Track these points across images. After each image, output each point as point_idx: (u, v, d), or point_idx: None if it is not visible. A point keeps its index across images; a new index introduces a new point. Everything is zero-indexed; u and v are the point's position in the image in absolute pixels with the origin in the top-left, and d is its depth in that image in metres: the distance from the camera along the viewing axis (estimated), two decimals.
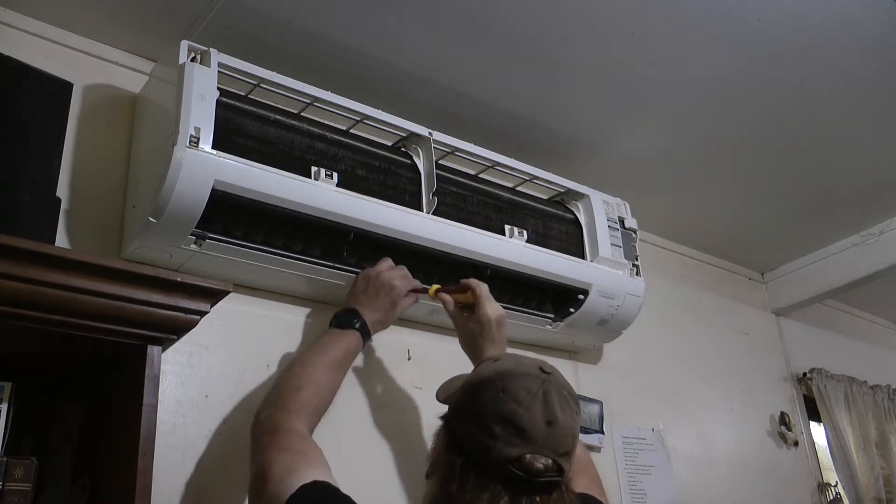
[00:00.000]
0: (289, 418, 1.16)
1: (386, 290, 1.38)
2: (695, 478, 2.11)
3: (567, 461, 1.01)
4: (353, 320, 1.34)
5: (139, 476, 0.93)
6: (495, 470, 0.97)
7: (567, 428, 1.01)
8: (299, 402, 1.19)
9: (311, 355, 1.28)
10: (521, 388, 1.01)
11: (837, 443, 2.56)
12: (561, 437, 1.00)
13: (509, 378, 1.03)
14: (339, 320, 1.35)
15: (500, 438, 0.98)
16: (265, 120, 1.36)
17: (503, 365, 1.07)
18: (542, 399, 1.00)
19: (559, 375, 1.07)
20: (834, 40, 1.63)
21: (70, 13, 1.40)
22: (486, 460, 0.98)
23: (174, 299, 0.99)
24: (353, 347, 1.33)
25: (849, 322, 3.09)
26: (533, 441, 0.97)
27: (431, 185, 1.51)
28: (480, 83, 1.68)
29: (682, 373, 2.27)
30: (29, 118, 1.13)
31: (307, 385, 1.21)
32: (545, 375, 1.03)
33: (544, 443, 0.98)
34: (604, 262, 1.75)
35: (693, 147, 1.99)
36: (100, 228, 1.35)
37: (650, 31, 1.57)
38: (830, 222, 2.45)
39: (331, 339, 1.31)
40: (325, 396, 1.25)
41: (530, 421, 0.98)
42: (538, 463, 0.97)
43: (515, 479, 0.96)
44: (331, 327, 1.35)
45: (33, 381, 1.08)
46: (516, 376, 1.03)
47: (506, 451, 0.97)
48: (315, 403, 1.21)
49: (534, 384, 1.01)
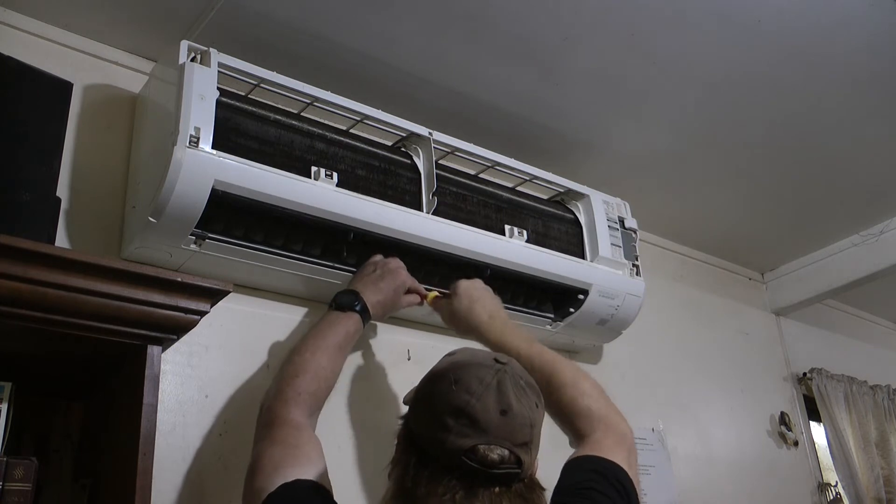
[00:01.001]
0: (286, 408, 1.16)
1: (393, 276, 1.39)
2: (695, 478, 2.11)
3: (526, 452, 0.97)
4: (353, 302, 1.33)
5: (139, 476, 0.93)
6: (450, 463, 0.95)
7: (523, 417, 0.97)
8: (297, 389, 1.19)
9: (311, 340, 1.28)
10: (473, 379, 0.98)
11: (837, 443, 2.56)
12: (517, 427, 0.97)
13: (462, 369, 1.01)
14: (340, 302, 1.33)
15: (453, 430, 0.95)
16: (265, 120, 1.36)
17: (458, 357, 1.06)
18: (495, 389, 0.98)
19: (516, 366, 1.05)
20: (834, 40, 1.63)
21: (70, 13, 1.40)
22: (441, 454, 0.95)
23: (174, 299, 0.99)
24: (353, 330, 1.32)
25: (849, 322, 3.09)
26: (486, 431, 0.95)
27: (431, 185, 1.51)
28: (480, 83, 1.68)
29: (682, 373, 2.27)
30: (29, 118, 1.13)
31: (305, 371, 1.21)
32: (500, 365, 1.01)
33: (498, 433, 0.95)
34: (604, 262, 1.75)
35: (693, 147, 1.99)
36: (100, 228, 1.35)
37: (650, 31, 1.57)
38: (830, 222, 2.45)
39: (331, 323, 1.31)
40: (326, 380, 1.24)
41: (483, 411, 0.96)
42: (493, 454, 0.94)
43: (470, 470, 0.93)
44: (330, 309, 1.34)
45: (33, 381, 1.08)
46: (469, 367, 1.01)
47: (459, 443, 0.94)
48: (314, 389, 1.21)
49: (487, 374, 0.99)
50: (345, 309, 1.32)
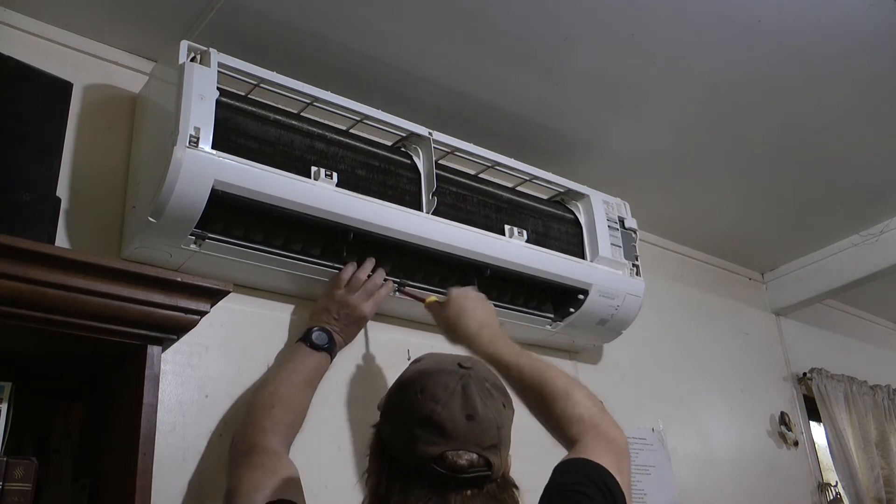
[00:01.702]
0: (264, 436, 1.19)
1: (349, 312, 1.40)
2: (695, 478, 2.11)
3: (495, 454, 0.99)
4: (326, 342, 1.36)
5: (139, 476, 0.93)
6: (420, 470, 0.96)
7: (489, 420, 0.99)
8: (273, 419, 1.21)
9: (284, 373, 1.30)
10: (438, 386, 1.00)
11: (837, 443, 2.56)
12: (484, 431, 0.98)
13: (427, 377, 1.02)
14: (314, 341, 1.35)
15: (422, 439, 0.97)
16: (265, 120, 1.36)
17: (423, 365, 1.08)
18: (461, 394, 0.99)
19: (482, 369, 1.06)
20: (834, 41, 1.63)
21: (70, 13, 1.40)
22: (411, 462, 0.98)
23: (174, 299, 0.99)
24: (324, 367, 1.35)
25: (849, 322, 3.09)
26: (453, 437, 0.96)
27: (431, 185, 1.51)
28: (480, 83, 1.68)
29: (682, 373, 2.27)
30: (29, 118, 1.13)
31: (280, 403, 1.24)
32: (464, 370, 1.03)
33: (466, 438, 0.97)
34: (604, 262, 1.75)
35: (693, 147, 1.99)
36: (100, 228, 1.35)
37: (650, 32, 1.57)
38: (830, 222, 2.45)
39: (303, 358, 1.33)
40: (298, 414, 1.27)
41: (449, 418, 0.97)
42: (461, 459, 0.96)
43: (441, 477, 0.95)
44: (302, 343, 1.35)
45: (33, 381, 1.08)
46: (434, 374, 1.02)
47: (428, 451, 0.96)
48: (289, 421, 1.24)
49: (452, 380, 1.01)
50: (318, 349, 1.34)
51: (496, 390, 1.04)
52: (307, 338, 1.35)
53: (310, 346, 1.34)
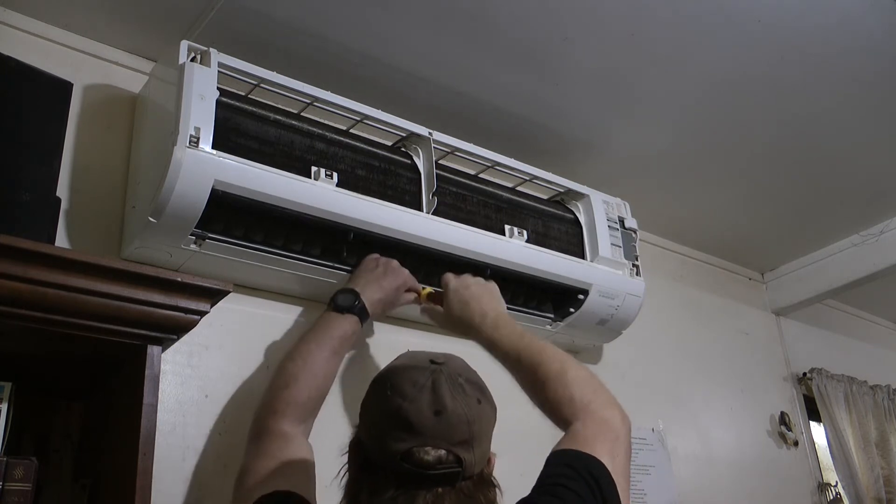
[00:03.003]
0: (275, 420, 1.18)
1: (395, 274, 1.39)
2: (695, 478, 2.11)
3: (466, 451, 0.97)
4: (352, 303, 1.31)
5: (139, 476, 0.93)
6: (389, 468, 0.96)
7: (458, 416, 0.97)
8: (286, 400, 1.20)
9: (305, 345, 1.27)
10: (407, 383, 0.99)
11: (837, 443, 2.56)
12: (453, 426, 0.97)
13: (397, 374, 1.02)
14: (338, 303, 1.31)
15: (390, 436, 0.97)
16: (265, 120, 1.36)
17: (396, 362, 1.07)
18: (430, 390, 0.98)
19: (456, 365, 1.05)
20: (834, 41, 1.63)
21: (70, 13, 1.40)
22: (381, 459, 0.97)
23: (174, 299, 0.99)
24: (351, 332, 1.31)
25: (849, 322, 3.09)
26: (421, 433, 0.96)
27: (431, 185, 1.51)
28: (480, 83, 1.68)
29: (682, 373, 2.27)
30: (29, 118, 1.13)
31: (296, 380, 1.22)
32: (435, 366, 1.02)
33: (433, 434, 0.96)
34: (604, 262, 1.75)
35: (693, 147, 1.99)
36: (100, 228, 1.35)
37: (650, 32, 1.57)
38: (830, 222, 2.45)
39: (327, 326, 1.29)
40: (318, 388, 1.24)
41: (416, 413, 0.96)
42: (428, 455, 0.95)
43: (409, 474, 0.94)
44: (328, 310, 1.33)
45: (33, 381, 1.08)
46: (405, 371, 1.02)
47: (395, 447, 0.95)
48: (304, 399, 1.21)
49: (421, 376, 1.00)
50: (343, 311, 1.31)
51: (470, 385, 1.02)
52: (332, 300, 1.33)
53: (334, 309, 1.31)
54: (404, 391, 0.99)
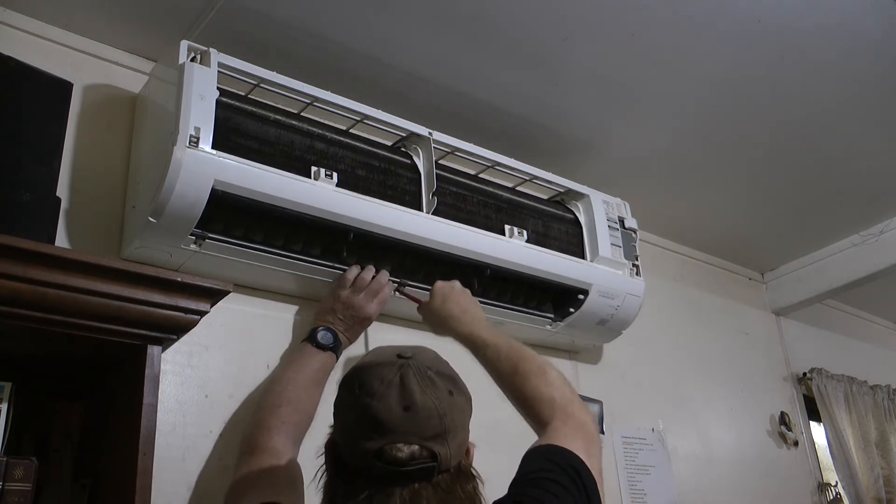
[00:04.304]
0: (269, 436, 1.19)
1: (354, 313, 1.41)
2: (695, 478, 2.11)
3: (440, 443, 0.95)
4: (330, 340, 1.37)
5: (139, 476, 0.93)
6: (362, 467, 0.94)
7: (429, 409, 0.95)
8: (280, 418, 1.22)
9: (290, 373, 1.31)
10: (374, 379, 0.97)
11: (837, 443, 2.56)
12: (423, 420, 0.94)
13: (364, 372, 1.00)
14: (319, 340, 1.36)
15: (360, 435, 0.95)
16: (265, 120, 1.36)
17: (363, 360, 1.06)
18: (398, 385, 0.96)
19: (424, 357, 1.03)
20: (834, 40, 1.63)
21: (70, 13, 1.40)
22: (354, 459, 0.96)
23: (174, 299, 0.99)
24: (329, 366, 1.36)
25: (849, 322, 3.09)
26: (391, 430, 0.93)
27: (431, 185, 1.51)
28: (480, 83, 1.68)
29: (682, 373, 2.27)
30: (29, 118, 1.13)
31: (288, 402, 1.25)
32: (402, 361, 0.99)
33: (404, 429, 0.93)
34: (604, 262, 1.75)
35: (693, 147, 1.99)
36: (100, 228, 1.35)
37: (650, 32, 1.57)
38: (830, 222, 2.45)
39: (308, 358, 1.34)
40: (305, 413, 1.27)
41: (385, 410, 0.94)
42: (400, 452, 0.92)
43: (383, 472, 0.92)
44: (308, 343, 1.36)
45: (33, 381, 1.08)
46: (372, 368, 1.00)
47: (366, 446, 0.93)
48: (296, 420, 1.24)
49: (389, 372, 0.98)
50: (323, 349, 1.35)
51: (440, 377, 1.00)
52: (312, 337, 1.36)
53: (315, 346, 1.35)
54: (372, 389, 0.96)
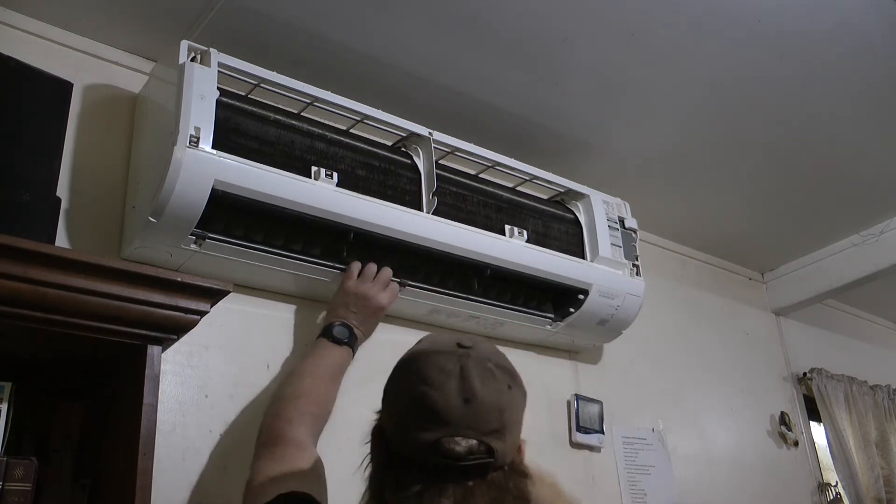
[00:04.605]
0: (289, 427, 1.18)
1: (367, 304, 1.41)
2: (695, 478, 2.11)
3: (498, 440, 0.90)
4: (347, 336, 1.37)
5: (139, 476, 0.93)
6: (416, 459, 0.90)
7: (489, 403, 0.90)
8: (299, 409, 1.21)
9: (308, 367, 1.31)
10: (433, 368, 0.92)
11: (837, 443, 2.56)
12: (482, 414, 0.90)
13: (422, 359, 0.95)
14: (335, 335, 1.36)
15: (416, 425, 0.90)
16: (265, 120, 1.36)
17: (419, 346, 1.01)
18: (458, 376, 0.91)
19: (484, 349, 0.98)
20: (834, 41, 1.63)
21: (70, 13, 1.40)
22: (407, 451, 0.91)
23: (174, 299, 0.99)
24: (346, 361, 1.36)
25: (849, 322, 3.09)
26: (449, 423, 0.88)
27: (431, 185, 1.51)
28: (480, 83, 1.68)
29: (682, 373, 2.27)
30: (29, 118, 1.13)
31: (307, 394, 1.24)
32: (462, 350, 0.95)
33: (462, 422, 0.89)
34: (604, 262, 1.75)
35: (693, 147, 1.99)
36: (100, 228, 1.35)
37: (650, 31, 1.56)
38: (830, 222, 2.45)
39: (326, 352, 1.34)
40: (324, 406, 1.27)
41: (444, 401, 0.89)
42: (458, 446, 0.87)
43: (438, 465, 0.88)
44: (323, 338, 1.36)
45: (33, 381, 1.08)
46: (430, 356, 0.95)
47: (422, 438, 0.88)
48: (315, 411, 1.24)
49: (448, 362, 0.93)
50: (340, 343, 1.35)
51: (500, 370, 0.95)
52: (328, 332, 1.36)
53: (332, 341, 1.35)
54: (431, 377, 0.92)
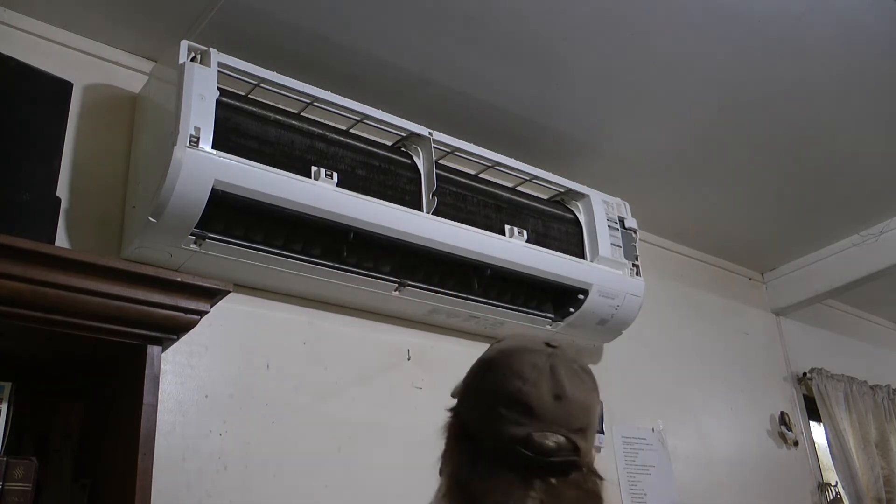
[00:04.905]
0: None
1: None
2: (695, 478, 2.11)
3: (583, 438, 0.92)
4: None
5: (139, 476, 0.93)
6: (505, 453, 0.90)
7: (578, 402, 0.93)
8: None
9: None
10: (525, 365, 0.94)
11: (837, 443, 2.56)
12: (572, 412, 0.92)
13: (514, 355, 0.97)
14: None
15: (507, 419, 0.91)
16: (265, 120, 1.36)
17: (507, 344, 1.02)
18: (549, 374, 0.93)
19: (569, 350, 1.00)
20: (834, 40, 1.63)
21: (70, 13, 1.40)
22: (495, 444, 0.92)
23: (174, 299, 0.99)
24: None
25: (849, 322, 3.09)
26: (541, 418, 0.90)
27: (431, 184, 1.51)
28: (480, 83, 1.68)
29: (682, 373, 2.27)
30: (29, 118, 1.13)
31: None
32: (551, 350, 0.97)
33: (553, 419, 0.90)
34: (604, 262, 1.75)
35: (693, 147, 1.99)
36: (100, 228, 1.35)
37: (650, 31, 1.56)
38: (830, 222, 2.45)
39: None
40: None
41: (537, 397, 0.91)
42: (548, 441, 0.89)
43: (526, 460, 0.89)
44: None
45: (33, 381, 1.08)
46: (521, 353, 0.97)
47: (513, 432, 0.90)
48: None
49: (539, 359, 0.95)
50: None
51: (584, 373, 0.98)
52: None
53: None
54: (523, 373, 0.93)
